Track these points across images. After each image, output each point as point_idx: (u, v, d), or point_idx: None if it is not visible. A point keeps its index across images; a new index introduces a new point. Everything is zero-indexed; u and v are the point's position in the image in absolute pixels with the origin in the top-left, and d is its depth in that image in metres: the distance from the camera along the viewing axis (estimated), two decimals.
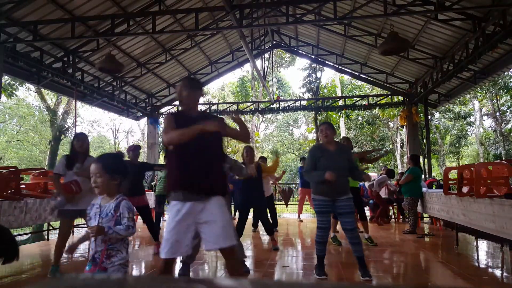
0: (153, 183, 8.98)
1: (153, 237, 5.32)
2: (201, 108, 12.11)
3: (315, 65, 15.71)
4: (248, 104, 13.82)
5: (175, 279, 1.77)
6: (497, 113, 19.07)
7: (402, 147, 19.89)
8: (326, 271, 3.91)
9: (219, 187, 2.49)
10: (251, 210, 5.47)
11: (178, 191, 2.39)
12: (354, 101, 12.60)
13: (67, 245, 3.73)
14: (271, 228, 5.56)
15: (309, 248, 5.70)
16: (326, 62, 11.73)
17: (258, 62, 11.55)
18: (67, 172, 3.92)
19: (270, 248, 5.57)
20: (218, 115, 3.39)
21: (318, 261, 3.89)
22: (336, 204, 3.72)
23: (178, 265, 3.87)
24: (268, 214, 6.94)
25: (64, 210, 3.85)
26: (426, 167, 10.72)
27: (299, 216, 9.49)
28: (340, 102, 12.53)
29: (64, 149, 19.07)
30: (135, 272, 4.35)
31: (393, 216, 9.49)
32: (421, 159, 11.76)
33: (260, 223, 7.48)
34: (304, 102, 12.68)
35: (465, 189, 5.08)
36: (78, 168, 3.88)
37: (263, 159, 8.10)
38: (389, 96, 11.47)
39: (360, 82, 18.95)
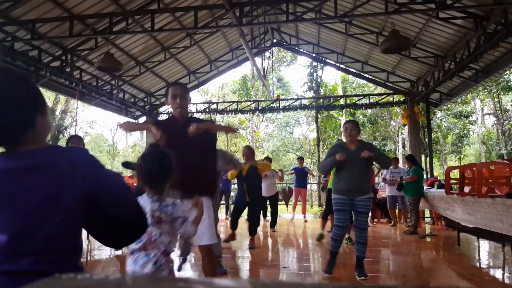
0: None
1: None
2: (193, 110, 12.13)
3: (316, 63, 15.63)
4: (248, 103, 13.74)
5: (174, 279, 1.72)
6: (499, 112, 18.97)
7: (403, 146, 19.78)
8: (333, 271, 3.88)
9: (205, 187, 2.55)
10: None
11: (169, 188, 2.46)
12: (355, 100, 12.52)
13: None
14: (255, 230, 5.67)
15: (309, 249, 5.66)
16: (327, 60, 11.65)
17: (258, 61, 11.48)
18: None
19: (272, 248, 5.53)
20: (210, 118, 3.55)
21: (330, 257, 3.88)
22: (355, 203, 3.75)
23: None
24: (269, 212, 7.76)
25: None
26: (428, 167, 10.64)
27: (304, 216, 9.50)
28: (341, 101, 12.44)
29: None
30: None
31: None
32: (422, 159, 11.71)
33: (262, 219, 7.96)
34: (305, 101, 12.59)
35: (466, 189, 5.03)
36: None
37: (268, 159, 8.69)
38: (391, 95, 11.41)
39: (364, 81, 18.80)
